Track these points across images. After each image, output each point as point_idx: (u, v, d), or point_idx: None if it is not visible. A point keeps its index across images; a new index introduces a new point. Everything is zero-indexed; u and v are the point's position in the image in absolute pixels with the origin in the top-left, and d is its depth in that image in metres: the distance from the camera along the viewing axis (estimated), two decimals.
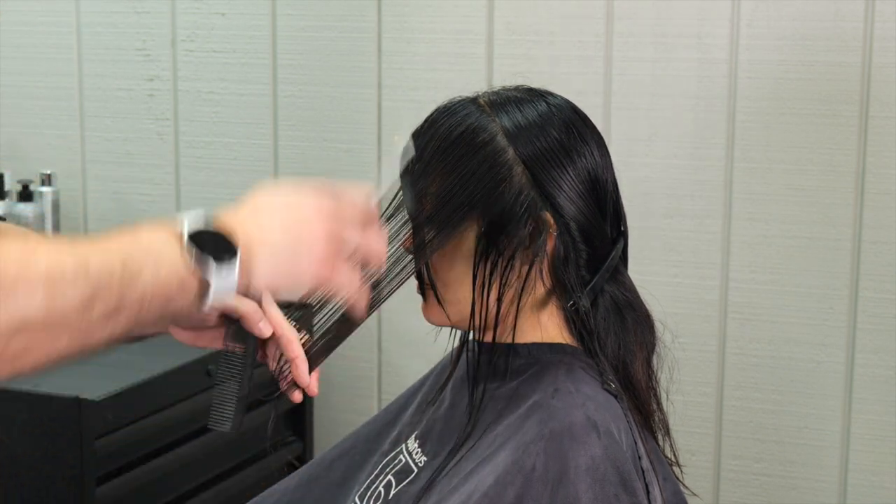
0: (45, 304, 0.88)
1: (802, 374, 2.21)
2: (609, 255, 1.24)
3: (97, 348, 0.95)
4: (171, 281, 0.96)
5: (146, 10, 2.52)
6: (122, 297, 0.93)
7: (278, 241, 1.02)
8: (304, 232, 1.04)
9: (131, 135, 2.56)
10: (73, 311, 0.90)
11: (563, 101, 1.26)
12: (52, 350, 0.91)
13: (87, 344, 0.93)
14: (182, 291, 0.97)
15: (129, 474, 1.98)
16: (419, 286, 1.26)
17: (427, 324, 1.27)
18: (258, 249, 1.01)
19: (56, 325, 0.90)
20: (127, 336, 0.97)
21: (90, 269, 0.91)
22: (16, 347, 0.88)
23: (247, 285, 1.01)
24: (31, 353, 0.90)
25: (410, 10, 2.35)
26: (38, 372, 0.93)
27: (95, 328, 0.92)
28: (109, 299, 0.92)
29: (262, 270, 1.01)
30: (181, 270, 0.96)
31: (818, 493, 2.23)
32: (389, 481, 1.27)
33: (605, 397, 1.19)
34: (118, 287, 0.92)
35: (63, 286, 0.89)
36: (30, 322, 0.88)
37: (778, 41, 2.14)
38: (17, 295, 0.87)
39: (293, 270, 1.03)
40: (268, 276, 1.02)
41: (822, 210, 2.16)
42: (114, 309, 0.93)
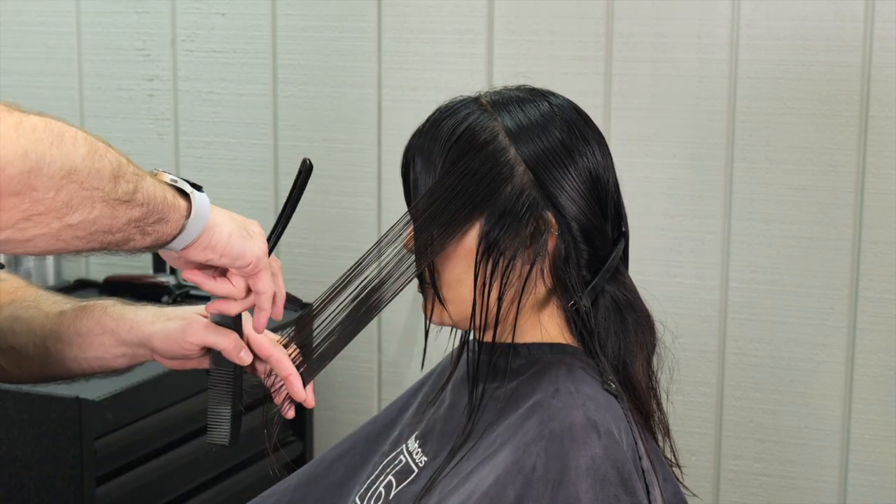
0: (88, 159, 0.99)
1: (802, 374, 2.21)
2: (610, 256, 1.24)
3: (115, 240, 1.04)
4: (165, 194, 1.07)
5: (146, 10, 2.52)
6: (137, 185, 1.04)
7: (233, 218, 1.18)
8: (249, 226, 1.19)
9: (131, 135, 2.56)
10: (106, 179, 1.00)
11: (565, 101, 1.26)
12: (89, 215, 1.00)
13: (112, 225, 1.02)
14: (174, 209, 1.08)
15: (129, 474, 1.98)
16: (420, 285, 1.26)
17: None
18: (217, 210, 1.16)
19: (94, 188, 0.99)
20: (133, 237, 1.06)
21: (112, 150, 1.03)
22: (64, 196, 0.97)
23: (212, 232, 1.13)
24: (74, 209, 0.98)
25: (410, 10, 2.35)
26: (77, 241, 1.00)
27: (119, 208, 1.02)
28: (129, 182, 1.03)
29: (222, 221, 1.15)
30: (170, 191, 1.09)
31: (818, 493, 2.23)
32: (390, 481, 1.27)
33: (606, 397, 1.19)
34: (133, 175, 1.04)
35: (98, 151, 1.00)
36: (76, 172, 0.97)
37: (778, 41, 2.14)
38: (65, 143, 0.97)
39: (242, 239, 1.16)
40: (224, 233, 1.14)
41: (822, 210, 2.16)
42: (132, 193, 1.03)
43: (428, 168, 1.22)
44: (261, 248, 1.18)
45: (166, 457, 2.04)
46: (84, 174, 0.98)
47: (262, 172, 2.49)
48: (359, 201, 2.43)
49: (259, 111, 2.48)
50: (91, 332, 1.34)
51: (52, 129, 0.97)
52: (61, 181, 0.96)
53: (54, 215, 0.97)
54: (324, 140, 2.44)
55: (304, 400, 1.27)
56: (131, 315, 1.33)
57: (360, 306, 1.24)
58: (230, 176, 2.51)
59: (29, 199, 0.95)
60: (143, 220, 1.05)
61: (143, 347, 1.32)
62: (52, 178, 0.96)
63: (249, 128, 2.49)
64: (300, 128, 2.46)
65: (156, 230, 1.07)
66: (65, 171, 0.96)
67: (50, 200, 0.96)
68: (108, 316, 1.34)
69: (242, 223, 1.19)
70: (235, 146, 2.51)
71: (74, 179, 0.97)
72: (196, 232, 1.12)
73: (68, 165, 0.97)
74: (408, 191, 1.26)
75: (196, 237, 1.12)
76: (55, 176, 0.96)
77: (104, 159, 1.01)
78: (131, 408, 1.96)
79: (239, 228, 1.17)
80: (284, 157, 2.48)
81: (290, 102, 2.46)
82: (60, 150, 0.96)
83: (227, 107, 2.50)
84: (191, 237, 1.11)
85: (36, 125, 0.96)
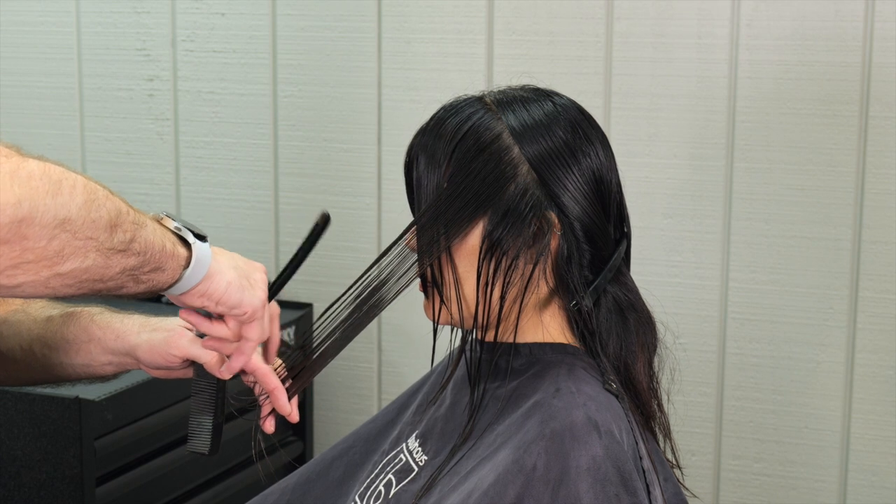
0: (84, 209, 0.97)
1: (802, 374, 2.21)
2: (612, 256, 1.24)
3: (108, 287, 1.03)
4: (164, 243, 1.06)
5: (146, 10, 2.52)
6: (135, 235, 1.02)
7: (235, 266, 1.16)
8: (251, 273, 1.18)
9: (131, 135, 2.56)
10: (102, 228, 0.98)
11: (569, 102, 1.26)
12: (81, 264, 0.98)
13: (105, 274, 1.00)
14: (172, 258, 1.06)
15: (128, 474, 1.98)
16: (421, 284, 1.26)
17: (428, 323, 1.27)
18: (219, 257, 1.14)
19: (87, 238, 0.97)
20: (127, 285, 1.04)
21: (113, 198, 1.01)
22: (56, 246, 0.95)
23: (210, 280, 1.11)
24: (65, 259, 0.96)
25: (410, 10, 2.35)
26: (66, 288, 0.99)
27: (113, 258, 1.00)
28: (126, 232, 1.01)
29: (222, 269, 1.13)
30: (171, 239, 1.08)
31: (818, 493, 2.23)
32: (390, 480, 1.27)
33: (607, 397, 1.19)
34: (132, 225, 1.02)
35: (97, 201, 0.98)
36: (70, 222, 0.95)
37: (778, 41, 2.14)
38: (63, 193, 0.95)
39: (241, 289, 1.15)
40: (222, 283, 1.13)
41: (822, 210, 2.16)
42: (128, 242, 1.01)
43: (431, 166, 1.22)
44: (259, 298, 1.17)
45: (166, 457, 2.04)
46: (78, 224, 0.96)
47: (262, 172, 2.49)
48: (359, 201, 2.43)
49: (259, 111, 2.48)
50: (78, 338, 1.35)
51: (50, 177, 0.95)
52: (54, 230, 0.94)
53: (44, 264, 0.95)
54: (324, 140, 2.44)
55: (289, 414, 1.28)
56: (118, 324, 1.34)
57: (361, 305, 1.24)
58: (230, 176, 2.51)
59: (19, 247, 0.93)
60: (139, 268, 1.04)
61: (128, 356, 1.33)
62: (45, 227, 0.94)
63: (249, 128, 2.49)
64: (300, 128, 2.46)
65: (151, 279, 1.06)
66: (58, 220, 0.94)
67: (41, 249, 0.94)
68: (95, 324, 1.34)
69: (245, 270, 1.18)
70: (235, 146, 2.51)
71: (68, 229, 0.95)
72: (193, 282, 1.11)
73: (62, 215, 0.95)
74: (410, 189, 1.26)
75: (192, 286, 1.11)
76: (48, 225, 0.94)
77: (102, 208, 0.99)
78: (131, 408, 1.96)
79: (239, 278, 1.15)
80: (284, 157, 2.48)
81: (290, 102, 2.46)
82: (56, 199, 0.94)
83: (227, 107, 2.50)
84: (187, 286, 1.10)
85: (33, 172, 0.94)
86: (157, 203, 2.57)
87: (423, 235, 1.22)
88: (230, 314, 1.17)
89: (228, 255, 1.17)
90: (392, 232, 2.42)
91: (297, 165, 2.47)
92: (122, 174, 2.58)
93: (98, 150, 2.59)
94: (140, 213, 1.05)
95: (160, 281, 1.07)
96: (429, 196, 1.22)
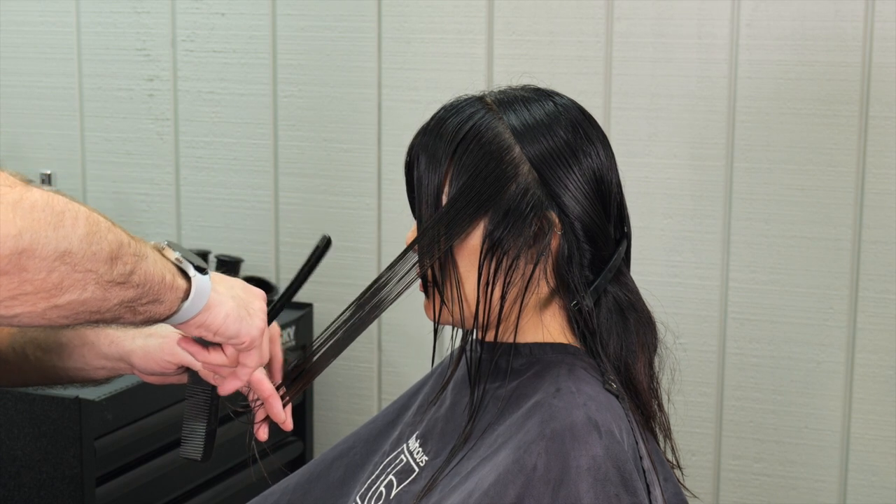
0: (86, 242, 0.96)
1: (802, 374, 2.21)
2: (612, 256, 1.24)
3: (105, 318, 1.02)
4: (164, 275, 1.05)
5: (146, 10, 2.52)
6: (135, 267, 1.01)
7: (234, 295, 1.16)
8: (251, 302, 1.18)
9: (131, 135, 2.56)
10: (102, 261, 0.98)
11: (570, 102, 1.26)
12: (79, 296, 0.97)
13: (102, 306, 1.00)
14: (171, 290, 1.06)
15: (128, 474, 1.98)
16: (422, 284, 1.26)
17: (428, 323, 1.27)
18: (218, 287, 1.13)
19: (87, 270, 0.97)
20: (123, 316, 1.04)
21: (115, 229, 1.00)
22: (55, 278, 0.94)
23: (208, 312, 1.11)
24: (63, 291, 0.96)
25: (410, 10, 2.35)
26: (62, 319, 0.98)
27: (111, 291, 1.00)
28: (126, 264, 1.00)
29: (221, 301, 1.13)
30: (171, 270, 1.07)
31: (818, 493, 2.23)
32: (391, 481, 1.27)
33: (607, 397, 1.19)
34: (132, 257, 1.01)
35: (99, 232, 0.98)
36: (71, 254, 0.95)
37: (778, 41, 2.14)
38: (65, 224, 0.94)
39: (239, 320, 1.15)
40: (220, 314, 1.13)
41: (822, 210, 2.16)
42: (128, 274, 1.01)
43: (432, 166, 1.22)
44: (258, 327, 1.17)
45: (166, 457, 2.04)
46: (79, 256, 0.96)
47: (262, 172, 2.49)
48: (359, 201, 2.43)
49: (259, 111, 2.48)
50: (71, 342, 1.35)
51: (52, 208, 0.94)
52: (54, 263, 0.94)
53: (42, 296, 0.95)
54: (324, 140, 2.45)
55: (283, 422, 1.29)
56: (112, 329, 1.33)
57: (363, 305, 1.24)
58: (230, 176, 2.51)
59: (18, 278, 0.92)
60: (136, 300, 1.03)
61: (122, 362, 1.34)
62: (45, 259, 0.93)
63: (249, 128, 2.49)
64: (300, 128, 2.46)
65: (148, 310, 1.06)
66: (59, 252, 0.94)
67: (40, 281, 0.94)
68: (90, 328, 1.34)
69: (244, 300, 1.17)
70: (235, 146, 2.51)
71: (67, 262, 0.95)
72: (191, 314, 1.10)
73: (63, 247, 0.94)
74: (411, 189, 1.26)
75: (190, 318, 1.11)
76: (48, 258, 0.93)
77: (103, 240, 0.98)
78: (131, 408, 1.96)
79: (237, 308, 1.15)
80: (284, 157, 2.48)
81: (290, 102, 2.46)
82: (57, 231, 0.94)
83: (227, 107, 2.50)
84: (185, 318, 1.10)
85: (36, 203, 0.93)
86: (157, 203, 2.57)
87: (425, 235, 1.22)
88: (228, 343, 1.17)
89: (228, 283, 1.16)
90: (392, 232, 2.42)
91: (297, 165, 2.47)
92: (122, 174, 2.58)
93: (98, 150, 2.59)
94: (141, 244, 1.05)
95: (158, 312, 1.07)
96: (429, 196, 1.22)
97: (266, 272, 2.51)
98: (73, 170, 2.60)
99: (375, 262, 2.44)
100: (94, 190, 2.60)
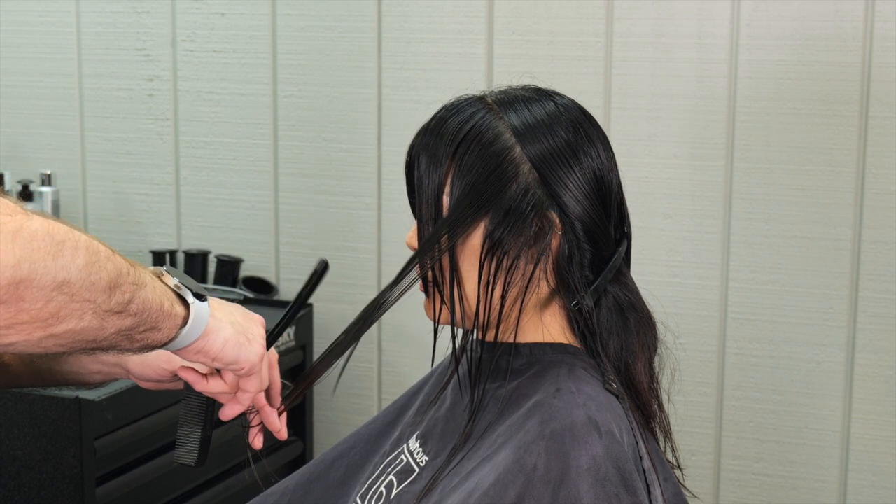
0: (85, 271, 0.95)
1: (802, 374, 2.21)
2: (612, 256, 1.24)
3: (101, 346, 1.01)
4: (163, 302, 1.05)
5: (146, 10, 2.52)
6: (133, 296, 1.01)
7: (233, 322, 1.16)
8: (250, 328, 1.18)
9: (131, 135, 2.56)
10: (100, 290, 0.97)
11: (571, 102, 1.26)
12: (76, 326, 0.96)
13: (99, 335, 0.99)
14: (169, 318, 1.06)
15: (128, 474, 1.98)
16: (422, 284, 1.26)
17: (428, 323, 1.27)
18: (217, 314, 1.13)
19: (85, 300, 0.96)
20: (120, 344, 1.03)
21: (115, 258, 0.99)
22: (52, 308, 0.94)
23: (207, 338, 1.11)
24: (60, 320, 0.95)
25: (410, 10, 2.35)
26: (58, 347, 0.97)
27: (109, 319, 0.99)
28: (125, 293, 1.00)
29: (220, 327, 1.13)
30: (170, 297, 1.07)
31: (818, 493, 2.23)
32: (391, 481, 1.27)
33: (607, 397, 1.19)
34: (131, 286, 1.00)
35: (99, 262, 0.97)
36: (69, 284, 0.94)
37: (778, 41, 2.14)
38: (64, 254, 0.94)
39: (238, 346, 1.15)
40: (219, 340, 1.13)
41: (822, 210, 2.16)
42: (126, 303, 1.00)
43: (432, 166, 1.22)
44: (257, 353, 1.17)
45: (166, 457, 2.04)
46: (77, 286, 0.95)
47: (262, 172, 2.49)
48: (359, 201, 2.43)
49: (259, 111, 2.48)
50: None
51: (53, 238, 0.93)
52: (52, 293, 0.93)
53: (38, 325, 0.94)
54: (324, 140, 2.45)
55: (278, 431, 1.29)
56: None
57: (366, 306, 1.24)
58: (230, 176, 2.51)
59: (15, 308, 0.92)
60: (134, 328, 1.03)
61: (118, 367, 1.34)
62: (43, 289, 0.92)
63: (249, 128, 2.49)
64: (300, 128, 2.46)
65: (145, 337, 1.05)
66: (57, 282, 0.93)
67: (36, 311, 0.93)
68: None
69: (243, 326, 1.17)
70: (235, 146, 2.51)
71: (66, 291, 0.94)
72: (189, 340, 1.10)
73: (61, 277, 0.93)
74: (411, 189, 1.26)
75: (188, 344, 1.10)
76: (46, 287, 0.92)
77: (102, 270, 0.97)
78: (131, 408, 1.96)
79: (236, 334, 1.15)
80: (284, 157, 2.48)
81: (290, 102, 2.46)
82: (56, 261, 0.93)
83: (227, 107, 2.50)
84: (183, 344, 1.10)
85: (36, 233, 0.92)
86: (157, 203, 2.57)
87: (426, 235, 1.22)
88: (226, 369, 1.17)
89: (227, 309, 1.16)
90: (392, 232, 2.42)
91: (297, 165, 2.47)
92: (122, 174, 2.58)
93: (98, 150, 2.59)
94: (140, 271, 1.04)
95: (155, 339, 1.06)
96: (430, 196, 1.22)
97: (266, 272, 2.51)
98: (73, 170, 2.60)
99: (375, 262, 2.44)
100: (94, 190, 2.61)
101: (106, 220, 2.60)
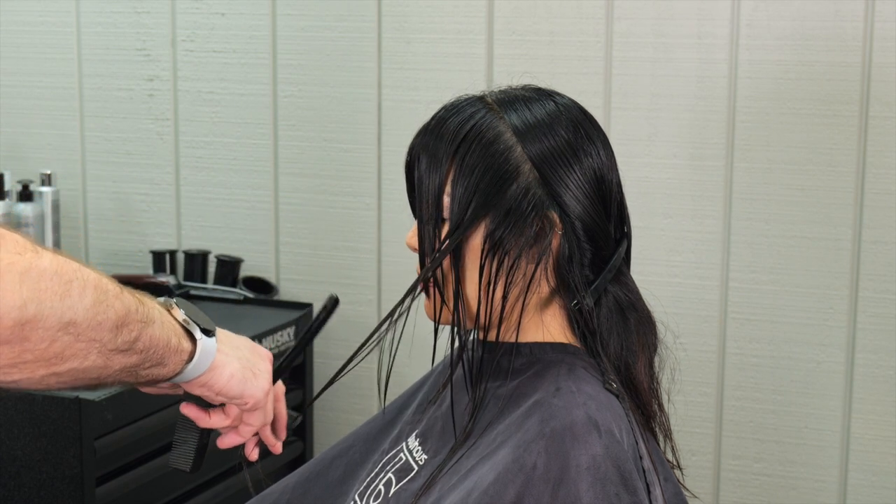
0: (92, 311, 0.94)
1: (802, 374, 2.21)
2: (613, 256, 1.24)
3: (104, 383, 1.01)
4: (170, 338, 1.05)
5: (146, 10, 2.52)
6: (140, 333, 1.00)
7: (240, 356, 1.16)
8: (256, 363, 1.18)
9: (131, 135, 2.56)
10: (107, 330, 0.96)
11: (571, 101, 1.26)
12: (80, 365, 0.96)
13: (102, 375, 0.99)
14: (176, 353, 1.06)
15: (128, 474, 1.98)
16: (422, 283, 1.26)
17: (428, 323, 1.27)
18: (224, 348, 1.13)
19: (91, 339, 0.95)
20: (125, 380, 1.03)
21: (123, 296, 0.99)
22: (57, 348, 0.93)
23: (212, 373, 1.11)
24: (65, 360, 0.94)
25: (410, 10, 2.35)
26: (61, 385, 0.97)
27: (115, 357, 0.98)
28: (132, 331, 0.99)
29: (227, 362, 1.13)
30: (178, 332, 1.06)
31: (818, 493, 2.23)
32: (389, 479, 1.27)
33: (607, 397, 1.19)
34: (138, 323, 1.00)
35: (107, 300, 0.96)
36: (76, 324, 0.93)
37: (778, 41, 2.14)
38: (72, 294, 0.93)
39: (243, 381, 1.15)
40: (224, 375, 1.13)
41: (822, 210, 2.16)
42: (132, 341, 1.00)
43: (433, 166, 1.22)
44: (262, 388, 1.18)
45: (166, 457, 2.04)
46: (83, 326, 0.94)
47: (262, 172, 2.49)
48: (359, 201, 2.43)
49: (259, 111, 2.48)
50: None
51: (61, 277, 0.92)
52: (57, 333, 0.93)
53: (42, 364, 0.94)
54: (324, 140, 2.44)
55: (273, 445, 1.29)
56: None
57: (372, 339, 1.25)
58: (230, 176, 2.51)
59: (19, 347, 0.91)
60: (139, 366, 1.03)
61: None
62: (49, 329, 0.92)
63: (249, 128, 2.49)
64: (300, 128, 2.46)
65: (151, 373, 1.05)
66: (63, 323, 0.92)
67: (41, 351, 0.93)
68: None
69: (250, 360, 1.17)
70: (235, 146, 2.51)
71: (71, 332, 0.94)
72: (194, 375, 1.10)
73: (68, 317, 0.93)
74: (411, 189, 1.26)
75: (193, 378, 1.11)
76: (52, 328, 0.92)
77: (110, 309, 0.97)
78: (131, 408, 1.96)
79: (243, 369, 1.15)
80: (284, 157, 2.48)
81: (290, 102, 2.46)
82: (63, 301, 0.92)
83: (227, 107, 2.50)
84: (187, 378, 1.10)
85: (45, 271, 0.91)
86: (157, 203, 2.57)
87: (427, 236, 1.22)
88: (230, 403, 1.17)
89: (235, 343, 1.16)
90: (392, 232, 2.42)
91: (297, 165, 2.47)
92: (122, 174, 2.58)
93: (98, 150, 2.59)
94: (149, 306, 1.03)
95: (161, 374, 1.06)
96: (430, 196, 1.22)
97: (266, 272, 2.51)
98: (73, 170, 2.60)
99: (375, 262, 2.44)
100: (94, 190, 2.61)
101: (106, 220, 2.60)
